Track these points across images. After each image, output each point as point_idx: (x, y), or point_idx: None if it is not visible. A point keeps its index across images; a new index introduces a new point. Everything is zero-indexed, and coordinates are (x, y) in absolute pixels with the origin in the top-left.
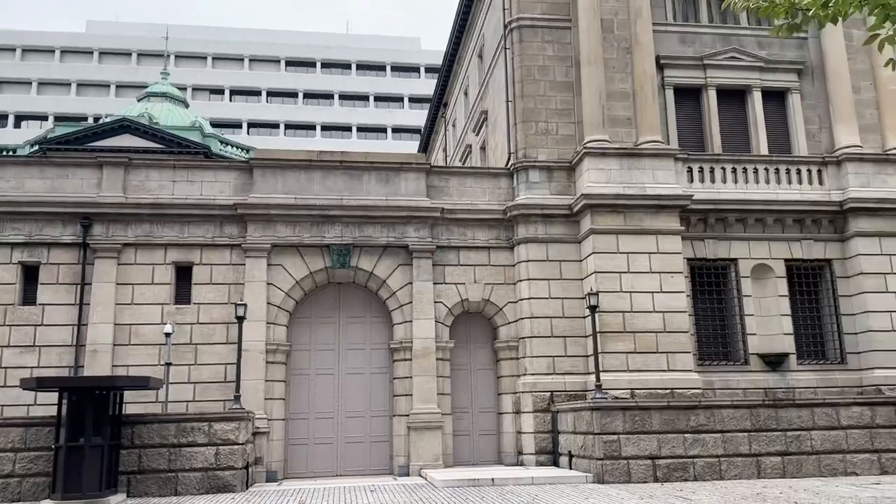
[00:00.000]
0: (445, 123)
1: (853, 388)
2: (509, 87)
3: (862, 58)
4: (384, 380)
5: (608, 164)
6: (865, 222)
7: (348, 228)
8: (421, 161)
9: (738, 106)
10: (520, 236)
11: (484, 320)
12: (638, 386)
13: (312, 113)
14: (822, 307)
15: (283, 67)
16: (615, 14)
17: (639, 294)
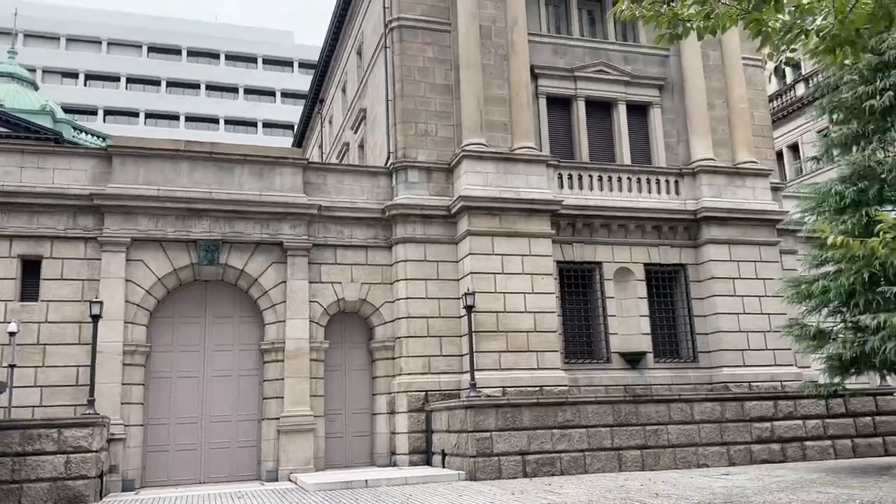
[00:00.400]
0: (321, 120)
1: (704, 384)
2: (389, 87)
3: (717, 76)
4: (253, 382)
5: (485, 167)
6: (717, 230)
7: (218, 224)
8: (297, 156)
9: (605, 117)
10: (398, 236)
11: (360, 320)
12: (509, 384)
13: (176, 102)
14: (676, 309)
15: (145, 53)
16: (493, 21)
17: (512, 295)
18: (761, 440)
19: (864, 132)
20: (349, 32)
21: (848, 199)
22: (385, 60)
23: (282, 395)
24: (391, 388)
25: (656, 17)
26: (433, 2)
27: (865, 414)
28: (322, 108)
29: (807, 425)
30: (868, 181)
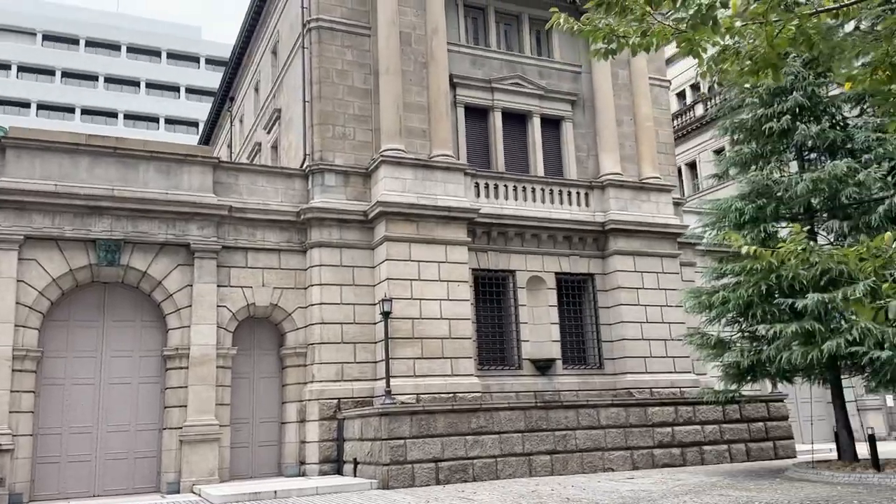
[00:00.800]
0: (231, 118)
1: (609, 390)
2: (307, 88)
3: (625, 95)
4: (154, 390)
5: (404, 173)
6: (623, 242)
7: (120, 223)
8: (208, 154)
9: (520, 129)
10: (314, 240)
11: (271, 326)
12: (423, 391)
13: (72, 94)
14: (584, 317)
15: (39, 41)
16: (413, 28)
17: (428, 301)
18: (663, 444)
19: (763, 152)
20: (264, 31)
21: (747, 215)
22: (303, 61)
23: (185, 403)
24: (302, 395)
25: (593, 31)
26: (353, 5)
27: (758, 419)
28: (232, 106)
29: (705, 430)
30: (766, 199)
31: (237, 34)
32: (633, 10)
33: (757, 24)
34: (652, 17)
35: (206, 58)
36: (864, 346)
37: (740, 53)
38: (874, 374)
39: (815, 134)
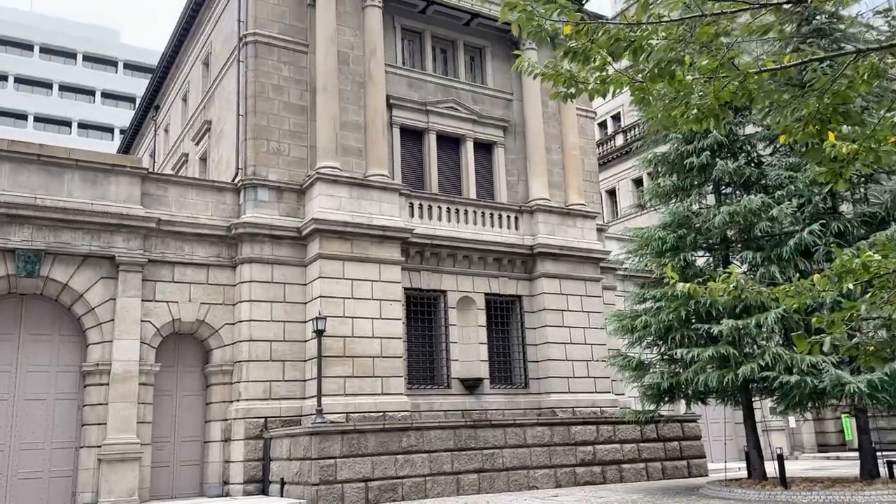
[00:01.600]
0: (156, 127)
1: (534, 409)
2: (241, 101)
3: (554, 124)
4: (72, 407)
5: (339, 191)
6: (550, 265)
7: (41, 232)
8: (137, 165)
9: (454, 152)
10: (244, 255)
11: (196, 342)
12: (353, 409)
13: None
14: (511, 337)
15: None
16: (351, 48)
17: (360, 320)
18: (585, 463)
19: (683, 185)
20: (195, 41)
21: (669, 244)
22: (238, 74)
23: (104, 421)
24: (227, 414)
25: (555, 76)
26: (291, 21)
27: (673, 439)
28: (157, 114)
29: (624, 449)
30: (686, 229)
31: (166, 43)
32: (594, 59)
33: (706, 79)
34: (610, 66)
35: (125, 62)
36: (776, 371)
37: (689, 104)
38: (783, 397)
39: (732, 170)
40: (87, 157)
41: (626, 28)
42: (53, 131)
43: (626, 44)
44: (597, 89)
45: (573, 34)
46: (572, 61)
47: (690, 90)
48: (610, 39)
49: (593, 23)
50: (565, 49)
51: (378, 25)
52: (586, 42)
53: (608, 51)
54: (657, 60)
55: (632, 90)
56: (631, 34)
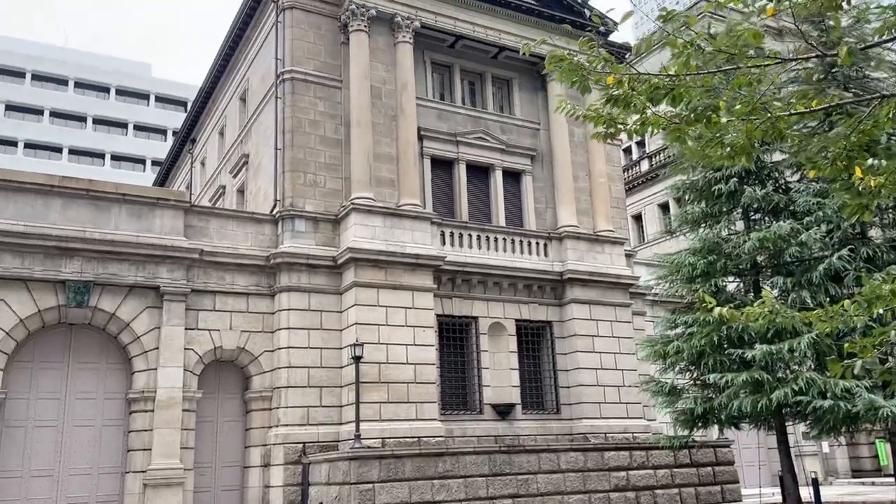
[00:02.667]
0: (192, 160)
1: (566, 435)
2: (279, 136)
3: (581, 152)
4: (118, 433)
5: (373, 221)
6: (580, 291)
7: (90, 264)
8: (180, 198)
9: (483, 181)
10: (283, 284)
11: (236, 369)
12: (389, 435)
13: (15, 128)
14: (542, 363)
15: None
16: (384, 83)
17: (395, 346)
18: (618, 488)
19: (712, 212)
20: (232, 78)
21: (699, 269)
22: (275, 110)
23: (150, 447)
24: (267, 439)
25: (596, 117)
26: (326, 58)
27: (707, 464)
28: (194, 147)
29: (658, 474)
30: (716, 255)
31: (203, 79)
32: (636, 105)
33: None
34: (649, 110)
35: (156, 95)
36: (809, 396)
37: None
38: (817, 422)
39: (761, 196)
40: (134, 192)
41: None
42: (87, 163)
43: (665, 92)
44: (636, 130)
45: (616, 83)
46: (614, 106)
47: (725, 131)
48: (650, 88)
49: (636, 74)
50: (608, 96)
51: (409, 61)
52: (627, 90)
53: (647, 97)
54: (695, 106)
55: (668, 131)
56: (670, 83)
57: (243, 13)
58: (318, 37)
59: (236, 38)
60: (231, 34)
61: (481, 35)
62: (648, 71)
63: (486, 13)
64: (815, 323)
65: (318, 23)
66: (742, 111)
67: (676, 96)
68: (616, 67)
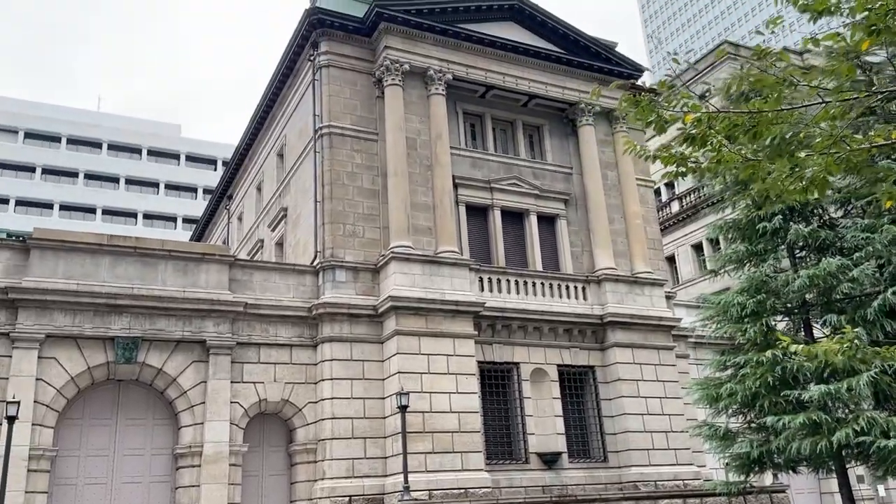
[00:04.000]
0: (229, 215)
1: (614, 484)
2: (318, 189)
3: (615, 194)
4: (165, 489)
5: (412, 269)
6: (621, 334)
7: (138, 320)
8: (224, 253)
9: (518, 226)
10: (324, 334)
11: (280, 422)
12: (435, 486)
13: (51, 191)
14: (587, 409)
15: (20, 139)
16: (418, 134)
17: (438, 394)
18: None
19: (757, 250)
20: (269, 135)
21: (748, 309)
22: (314, 164)
23: (197, 502)
24: (312, 493)
25: (669, 158)
26: (362, 112)
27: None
28: (230, 204)
29: None
30: (764, 294)
31: (241, 137)
32: (712, 143)
33: (818, 155)
34: (725, 148)
35: (187, 154)
36: (871, 436)
37: (803, 177)
38: (881, 462)
39: (807, 233)
40: (179, 248)
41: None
42: (120, 223)
43: (746, 129)
44: (710, 168)
45: (695, 122)
46: (690, 145)
47: (805, 165)
48: (728, 126)
49: (715, 112)
50: (686, 135)
51: (442, 112)
52: (705, 128)
53: (725, 135)
54: (779, 141)
55: (742, 168)
56: (751, 120)
57: (280, 72)
58: (354, 92)
59: (273, 97)
60: (268, 93)
61: (511, 84)
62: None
63: (515, 63)
64: None
65: (353, 79)
66: (822, 145)
67: (758, 133)
68: (696, 106)
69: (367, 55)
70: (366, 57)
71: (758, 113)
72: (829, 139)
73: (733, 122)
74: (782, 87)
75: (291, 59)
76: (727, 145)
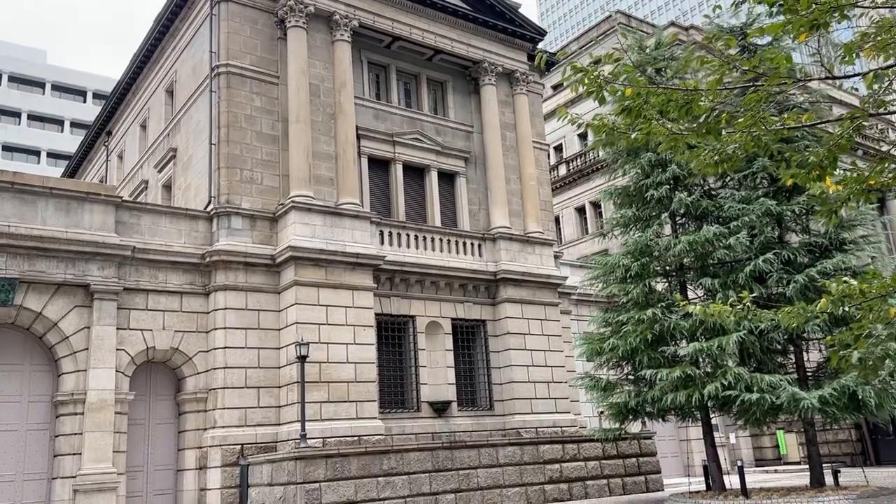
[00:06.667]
0: (108, 153)
1: (499, 431)
2: (213, 131)
3: (512, 155)
4: (44, 437)
5: (313, 219)
6: (512, 290)
7: (15, 261)
8: (111, 193)
9: (419, 181)
10: (218, 283)
11: (168, 370)
12: (329, 434)
13: None
14: (477, 361)
15: None
16: (322, 81)
17: (335, 345)
18: (552, 480)
19: (643, 216)
20: (155, 70)
21: (633, 271)
22: (210, 104)
23: (79, 451)
24: (202, 442)
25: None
26: (263, 53)
27: (632, 455)
28: (110, 140)
29: (588, 466)
30: (648, 257)
31: (124, 70)
32: (647, 116)
33: (739, 133)
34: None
35: (53, 83)
36: (737, 390)
37: (723, 153)
38: (743, 413)
39: (689, 202)
40: (62, 185)
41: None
42: None
43: (680, 104)
44: (638, 139)
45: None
46: (627, 116)
47: (729, 142)
48: (663, 101)
49: (653, 87)
50: (622, 107)
51: (347, 59)
52: (641, 102)
53: (658, 109)
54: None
55: (667, 140)
56: (686, 97)
57: (173, 3)
58: (255, 31)
59: (163, 29)
60: (157, 25)
61: (418, 37)
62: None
63: (422, 16)
64: (784, 320)
65: (254, 17)
66: (744, 124)
67: (690, 109)
68: (638, 80)
69: None
70: None
71: (694, 91)
72: (751, 119)
73: (669, 98)
74: (725, 70)
75: None
76: (658, 119)
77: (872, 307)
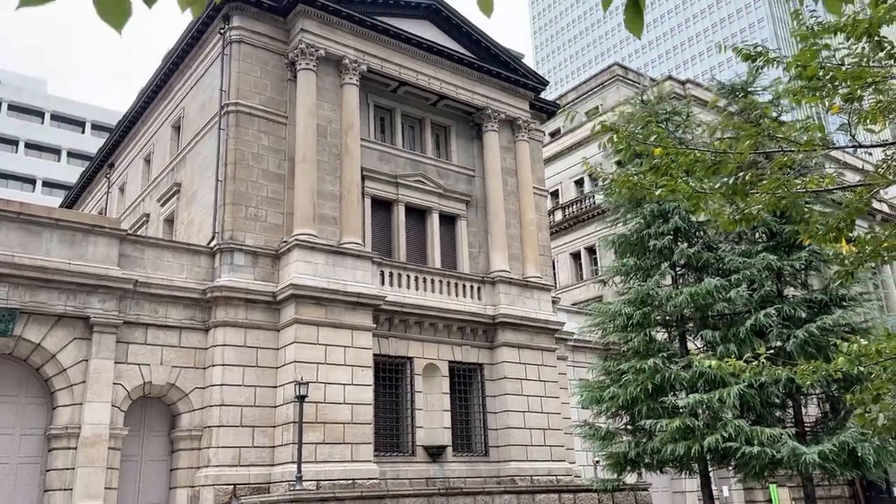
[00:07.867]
0: (109, 184)
1: (493, 477)
2: (220, 168)
3: (513, 200)
4: (35, 471)
5: (316, 258)
6: (510, 334)
7: (17, 291)
8: (116, 226)
9: (421, 223)
10: (218, 319)
11: (163, 406)
12: (324, 477)
13: None
14: (473, 405)
15: None
16: (329, 122)
17: (332, 385)
18: None
19: (644, 265)
20: (162, 106)
21: (635, 319)
22: (218, 141)
23: (70, 486)
24: (195, 480)
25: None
26: (272, 94)
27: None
28: (112, 172)
29: None
30: (649, 307)
31: (131, 104)
32: (671, 173)
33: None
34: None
35: (52, 113)
36: (737, 442)
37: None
38: (743, 466)
39: (691, 254)
40: (67, 217)
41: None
42: None
43: (708, 165)
44: (663, 195)
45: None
46: (655, 174)
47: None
48: (691, 161)
49: (682, 149)
50: (651, 165)
51: (355, 102)
52: (668, 161)
53: (685, 169)
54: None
55: (690, 199)
56: (713, 158)
57: (184, 41)
58: (265, 72)
59: (173, 66)
60: (168, 61)
61: (424, 83)
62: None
63: (428, 62)
64: (801, 377)
65: (265, 58)
66: (768, 186)
67: (717, 170)
68: (666, 141)
69: (282, 35)
70: (280, 37)
71: (723, 153)
72: (776, 182)
73: (696, 158)
74: (757, 137)
75: (199, 30)
76: (683, 177)
77: (887, 367)
